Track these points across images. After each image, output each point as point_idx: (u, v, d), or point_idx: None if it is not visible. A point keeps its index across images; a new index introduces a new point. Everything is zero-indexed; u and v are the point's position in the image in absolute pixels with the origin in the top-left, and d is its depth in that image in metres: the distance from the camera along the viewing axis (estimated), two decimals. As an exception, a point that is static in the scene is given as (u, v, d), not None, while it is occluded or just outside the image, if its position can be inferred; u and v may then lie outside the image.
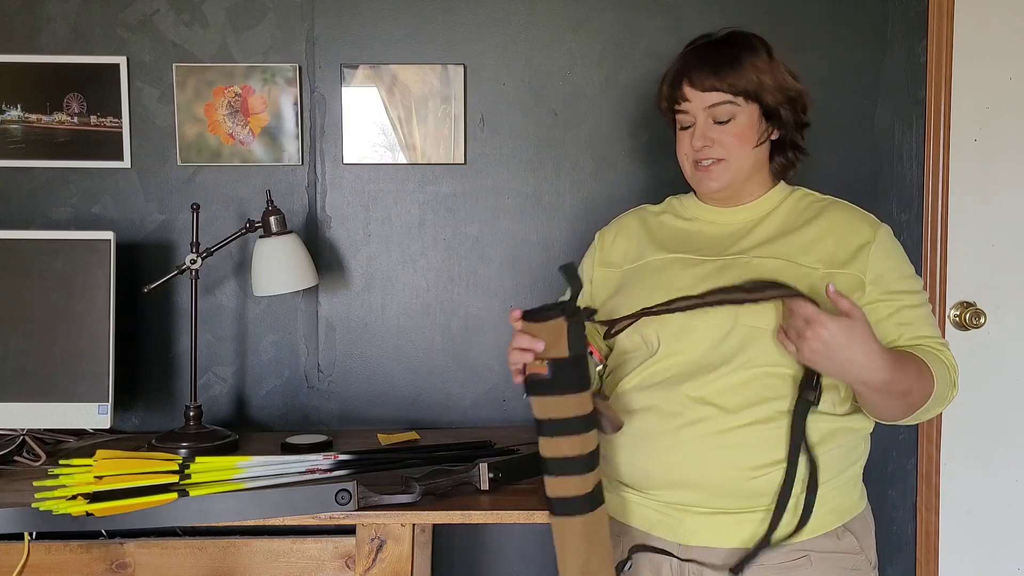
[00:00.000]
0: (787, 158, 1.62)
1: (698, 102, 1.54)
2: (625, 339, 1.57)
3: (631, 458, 1.52)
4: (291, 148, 2.19)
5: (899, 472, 2.29)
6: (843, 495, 1.51)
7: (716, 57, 1.55)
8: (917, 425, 2.27)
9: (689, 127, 1.57)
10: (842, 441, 1.49)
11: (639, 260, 1.62)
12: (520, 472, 1.73)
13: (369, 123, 2.19)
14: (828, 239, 1.52)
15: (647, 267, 1.60)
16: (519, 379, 1.41)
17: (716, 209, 1.62)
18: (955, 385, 1.49)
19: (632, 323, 1.50)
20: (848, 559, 1.50)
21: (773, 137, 1.59)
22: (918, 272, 2.23)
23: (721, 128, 1.54)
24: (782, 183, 1.63)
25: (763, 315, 1.44)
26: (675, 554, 1.49)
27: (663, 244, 1.62)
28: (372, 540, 1.66)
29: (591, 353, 1.49)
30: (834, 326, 1.31)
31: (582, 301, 1.68)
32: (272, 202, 2.06)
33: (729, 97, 1.53)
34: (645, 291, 1.55)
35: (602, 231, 1.75)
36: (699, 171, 1.57)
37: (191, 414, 2.01)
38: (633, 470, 1.52)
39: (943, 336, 1.55)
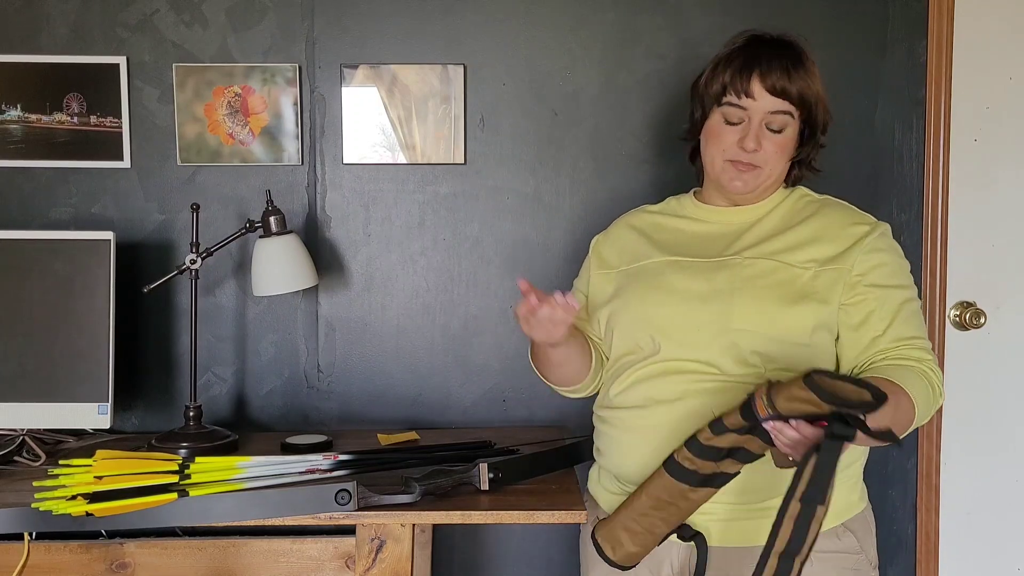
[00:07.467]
0: (801, 173, 1.62)
1: (763, 103, 1.49)
2: (622, 342, 1.58)
3: (631, 454, 1.53)
4: (291, 148, 2.19)
5: (899, 472, 2.28)
6: (842, 494, 1.50)
7: (786, 58, 1.50)
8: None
9: (738, 123, 1.52)
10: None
11: (636, 262, 1.63)
12: (520, 472, 1.73)
13: (369, 123, 2.19)
14: (822, 237, 1.52)
15: (644, 270, 1.60)
16: None
17: (716, 209, 1.62)
18: (940, 393, 1.48)
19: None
20: (848, 559, 1.50)
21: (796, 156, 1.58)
22: (918, 272, 2.25)
23: (769, 136, 1.51)
24: (783, 186, 1.63)
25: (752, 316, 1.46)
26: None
27: (661, 246, 1.62)
28: (372, 540, 1.66)
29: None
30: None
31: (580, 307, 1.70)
32: (272, 202, 2.06)
33: (791, 108, 1.50)
34: (641, 294, 1.57)
35: (597, 237, 1.76)
36: (735, 168, 1.53)
37: (191, 414, 2.01)
38: (634, 465, 1.53)
39: (942, 337, 1.54)
